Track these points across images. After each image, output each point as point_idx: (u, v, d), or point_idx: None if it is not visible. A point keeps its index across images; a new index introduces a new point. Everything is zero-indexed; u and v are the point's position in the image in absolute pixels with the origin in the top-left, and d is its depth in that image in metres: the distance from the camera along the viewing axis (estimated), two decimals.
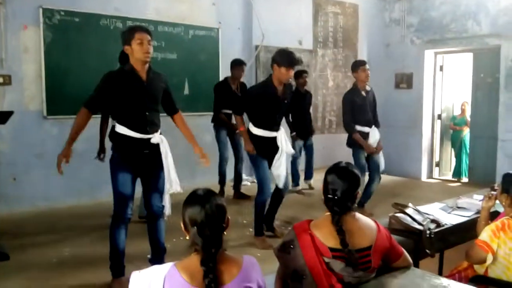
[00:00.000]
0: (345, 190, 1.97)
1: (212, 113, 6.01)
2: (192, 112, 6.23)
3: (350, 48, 8.75)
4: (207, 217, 1.62)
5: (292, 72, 4.15)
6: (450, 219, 3.01)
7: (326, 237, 1.90)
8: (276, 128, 4.29)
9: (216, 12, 6.99)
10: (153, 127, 3.36)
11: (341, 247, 1.87)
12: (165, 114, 3.64)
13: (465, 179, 8.02)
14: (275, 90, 4.17)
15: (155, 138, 3.35)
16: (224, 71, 6.54)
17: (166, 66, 6.45)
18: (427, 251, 2.65)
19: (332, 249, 1.88)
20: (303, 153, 6.74)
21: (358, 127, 5.14)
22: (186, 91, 6.64)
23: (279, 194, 4.43)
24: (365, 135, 5.15)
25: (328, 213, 2.00)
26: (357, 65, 5.13)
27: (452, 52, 8.16)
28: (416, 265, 2.55)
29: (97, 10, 5.83)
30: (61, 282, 3.48)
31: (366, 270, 1.92)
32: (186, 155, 4.54)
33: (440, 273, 3.09)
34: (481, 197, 3.41)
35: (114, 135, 3.33)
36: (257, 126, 4.26)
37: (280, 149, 4.27)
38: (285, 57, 4.08)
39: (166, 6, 6.46)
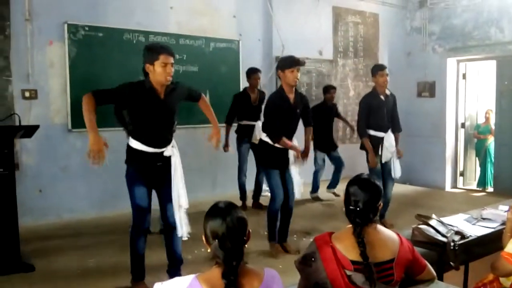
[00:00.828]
0: (367, 202, 1.96)
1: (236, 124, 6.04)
2: None
3: (371, 57, 8.72)
4: (228, 230, 1.63)
5: (297, 73, 4.14)
6: (475, 230, 2.95)
7: (348, 249, 1.89)
8: (289, 138, 4.29)
9: (236, 24, 7.06)
10: (167, 141, 3.44)
11: (362, 259, 1.85)
12: (182, 126, 3.69)
13: (490, 189, 7.87)
14: (288, 99, 4.21)
15: (168, 151, 3.43)
16: (245, 83, 6.58)
17: (188, 79, 6.52)
18: (452, 263, 2.61)
19: (354, 262, 1.86)
20: (326, 164, 6.73)
21: (372, 132, 5.07)
22: (208, 103, 6.68)
23: (287, 205, 4.43)
24: (379, 140, 5.07)
25: (350, 225, 1.99)
26: (376, 70, 5.09)
27: (475, 60, 8.07)
28: (440, 278, 2.51)
29: (120, 24, 5.94)
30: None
31: (388, 284, 1.90)
32: (208, 166, 4.57)
33: (465, 286, 3.03)
34: (506, 207, 3.34)
35: (129, 149, 3.40)
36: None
37: (290, 161, 4.32)
38: (286, 60, 4.20)
39: (187, 19, 6.55)
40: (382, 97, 5.08)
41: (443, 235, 2.71)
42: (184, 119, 6.02)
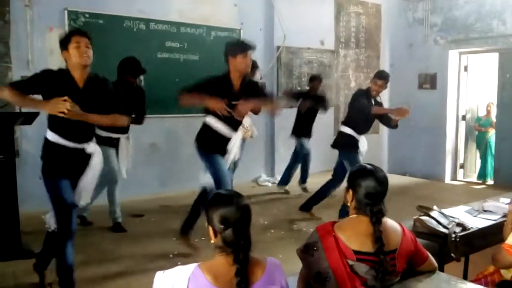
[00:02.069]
0: (383, 195, 1.99)
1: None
2: None
3: (373, 48, 8.69)
4: (242, 217, 1.64)
5: (248, 59, 3.85)
6: (476, 222, 2.95)
7: (351, 239, 1.89)
8: (234, 129, 3.97)
9: (238, 13, 7.01)
10: (87, 136, 3.12)
11: (376, 253, 1.85)
12: (184, 115, 3.64)
13: (490, 182, 7.88)
14: (232, 86, 3.87)
15: (90, 147, 3.13)
16: None
17: (188, 67, 6.52)
18: (452, 255, 2.61)
19: (356, 252, 1.86)
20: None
21: (349, 130, 4.94)
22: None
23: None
24: (356, 141, 4.92)
25: (354, 215, 1.99)
26: (374, 76, 4.97)
27: (477, 52, 8.03)
28: (441, 269, 2.51)
29: (121, 12, 5.90)
30: (85, 279, 3.52)
31: (391, 274, 1.90)
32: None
33: (465, 277, 3.04)
34: (507, 200, 3.36)
35: (45, 143, 3.10)
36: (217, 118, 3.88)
37: (228, 152, 3.98)
38: (238, 44, 4.02)
39: (188, 8, 6.51)
40: (372, 100, 4.95)
41: (444, 227, 2.71)
42: (185, 108, 6.03)
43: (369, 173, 2.01)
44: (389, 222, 2.00)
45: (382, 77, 4.89)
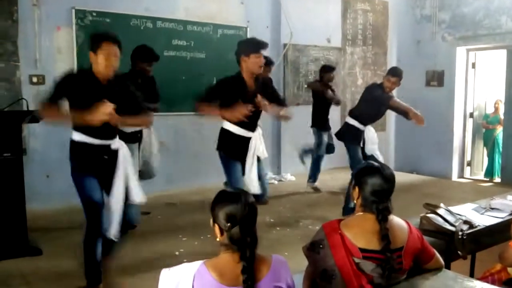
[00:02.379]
0: (390, 192, 1.98)
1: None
2: None
3: (380, 45, 8.65)
4: (248, 214, 1.64)
5: (262, 59, 3.76)
6: (483, 220, 2.93)
7: (357, 237, 1.89)
8: (251, 128, 3.92)
9: (244, 10, 7.01)
10: (112, 133, 3.15)
11: (383, 251, 1.85)
12: (190, 113, 3.63)
13: (497, 179, 7.83)
14: (246, 87, 3.77)
15: (115, 143, 3.16)
16: None
17: (195, 65, 6.53)
18: (459, 252, 2.60)
19: (362, 250, 1.86)
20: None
21: (353, 121, 5.00)
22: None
23: (257, 201, 4.17)
24: (361, 132, 4.98)
25: (361, 213, 1.98)
26: (388, 72, 4.99)
27: (485, 49, 7.97)
28: (448, 266, 2.50)
29: (127, 10, 5.91)
30: None
31: (397, 272, 1.90)
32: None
33: (471, 275, 3.02)
34: None
35: (72, 144, 3.15)
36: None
37: (251, 152, 3.90)
38: (251, 43, 3.84)
39: (195, 6, 6.51)
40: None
41: (451, 224, 2.70)
42: (191, 106, 6.02)
43: (375, 170, 2.01)
44: (396, 219, 2.00)
45: (396, 74, 4.89)
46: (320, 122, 6.36)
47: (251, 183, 3.81)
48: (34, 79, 5.34)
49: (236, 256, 1.61)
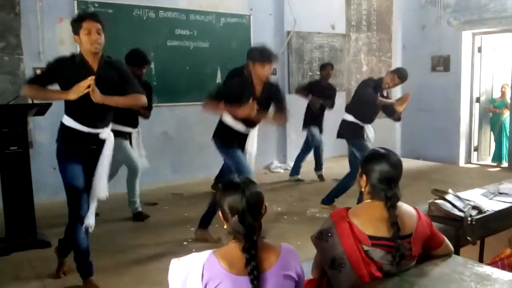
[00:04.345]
0: (398, 179, 1.96)
1: None
2: None
3: (385, 31, 8.57)
4: (248, 205, 1.63)
5: (268, 68, 3.79)
6: (492, 205, 2.91)
7: (365, 225, 1.87)
8: (251, 125, 3.98)
9: None
10: (103, 121, 3.13)
11: (393, 238, 1.84)
12: (195, 103, 3.62)
13: (505, 164, 7.78)
14: (254, 90, 3.85)
15: (104, 133, 3.14)
16: None
17: (199, 55, 6.50)
18: (468, 238, 2.58)
19: (371, 237, 1.85)
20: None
21: (352, 118, 4.88)
22: (219, 79, 6.65)
23: None
24: (361, 127, 4.87)
25: (369, 200, 1.97)
26: (394, 71, 4.85)
27: (490, 33, 7.88)
28: (457, 252, 2.49)
29: (130, 0, 5.90)
30: (100, 268, 3.56)
31: (406, 259, 1.89)
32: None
33: (481, 260, 3.01)
34: None
35: (61, 127, 3.13)
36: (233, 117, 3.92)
37: (245, 148, 4.01)
38: (258, 53, 3.82)
39: None
40: (384, 92, 4.91)
41: (460, 210, 2.68)
42: (195, 96, 6.02)
43: (382, 157, 1.98)
44: (404, 206, 1.98)
45: (402, 78, 4.76)
46: (309, 120, 6.40)
47: None
48: (38, 72, 5.32)
49: (242, 246, 1.61)
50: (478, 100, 8.20)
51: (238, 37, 6.85)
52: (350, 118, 4.89)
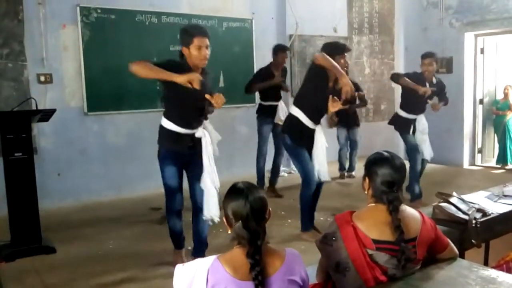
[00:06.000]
0: (400, 182, 1.96)
1: (253, 104, 6.02)
2: (228, 104, 6.18)
3: (387, 33, 8.57)
4: (252, 211, 1.62)
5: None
6: (497, 207, 2.90)
7: (369, 228, 1.87)
8: (317, 120, 4.14)
9: (249, 2, 6.98)
10: (198, 123, 3.48)
11: (397, 242, 1.83)
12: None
13: (509, 166, 7.75)
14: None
15: (199, 132, 3.46)
16: (259, 62, 6.53)
17: None
18: (473, 241, 2.58)
19: (375, 241, 1.85)
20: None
21: (403, 113, 5.32)
22: (221, 83, 6.67)
23: (318, 188, 4.27)
24: (411, 121, 5.29)
25: (372, 204, 1.97)
26: (424, 56, 5.29)
27: (493, 34, 7.86)
28: (462, 255, 2.48)
29: (132, 6, 5.91)
30: (107, 274, 3.57)
31: (411, 262, 1.88)
32: (226, 147, 4.52)
33: (485, 263, 3.00)
34: None
35: (161, 130, 3.46)
36: (305, 112, 4.08)
37: (317, 141, 4.13)
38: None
39: None
40: (427, 83, 5.15)
41: (464, 213, 2.67)
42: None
43: (385, 160, 1.98)
44: (408, 209, 1.98)
45: (425, 55, 5.25)
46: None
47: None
48: (42, 78, 5.36)
49: (246, 251, 1.61)
50: (481, 101, 8.17)
51: (241, 41, 6.87)
52: (400, 113, 5.37)
